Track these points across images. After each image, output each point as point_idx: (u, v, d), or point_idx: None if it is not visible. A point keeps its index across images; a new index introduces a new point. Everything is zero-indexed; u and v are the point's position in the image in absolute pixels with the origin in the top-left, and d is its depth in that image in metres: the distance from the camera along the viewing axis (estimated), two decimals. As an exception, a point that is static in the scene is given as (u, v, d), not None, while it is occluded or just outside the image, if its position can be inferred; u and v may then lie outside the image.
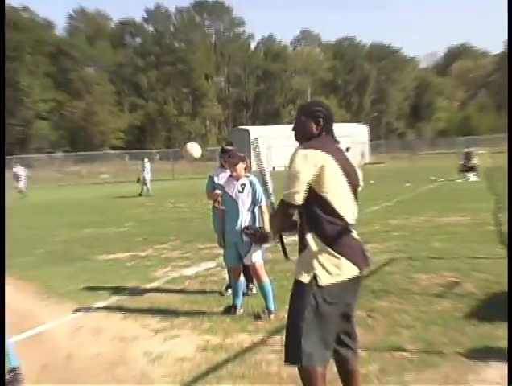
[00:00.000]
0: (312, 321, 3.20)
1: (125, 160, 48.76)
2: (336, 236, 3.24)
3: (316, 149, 3.23)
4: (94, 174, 50.80)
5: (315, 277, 3.21)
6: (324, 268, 3.21)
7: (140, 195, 26.58)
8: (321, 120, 3.38)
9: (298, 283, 3.29)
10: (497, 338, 4.92)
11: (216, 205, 6.72)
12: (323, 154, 3.21)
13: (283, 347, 3.35)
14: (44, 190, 36.21)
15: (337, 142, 3.42)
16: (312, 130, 3.38)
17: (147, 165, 27.61)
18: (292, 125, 3.46)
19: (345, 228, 3.28)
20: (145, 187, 26.96)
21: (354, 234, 3.35)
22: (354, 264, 3.26)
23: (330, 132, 3.42)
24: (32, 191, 31.21)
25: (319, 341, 3.23)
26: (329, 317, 3.24)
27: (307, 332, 3.20)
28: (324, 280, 3.20)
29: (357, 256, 3.30)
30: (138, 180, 27.59)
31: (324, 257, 3.22)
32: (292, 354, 3.26)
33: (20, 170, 29.78)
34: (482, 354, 4.58)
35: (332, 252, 3.22)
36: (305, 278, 3.24)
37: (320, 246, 3.23)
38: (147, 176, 27.29)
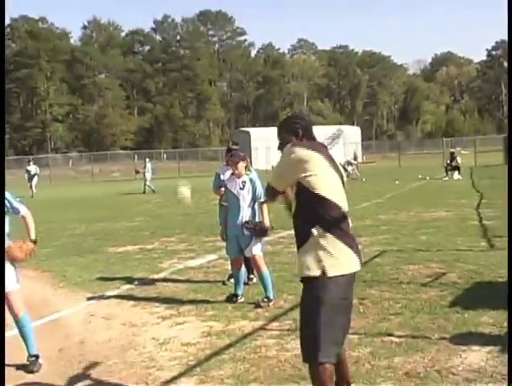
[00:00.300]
0: (327, 318, 3.02)
1: (135, 160, 48.69)
2: (340, 226, 3.12)
3: (305, 147, 3.17)
4: (106, 172, 50.79)
5: (323, 269, 3.04)
6: (333, 257, 3.04)
7: (144, 192, 26.45)
8: (300, 131, 3.29)
9: (308, 279, 3.10)
10: (479, 324, 4.92)
11: (223, 203, 6.72)
12: (311, 152, 3.14)
13: (302, 345, 3.15)
14: (60, 188, 36.22)
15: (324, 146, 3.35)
16: None
17: (149, 164, 27.56)
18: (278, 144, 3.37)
19: (346, 219, 3.17)
20: (146, 186, 26.84)
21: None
22: (357, 256, 3.14)
23: (311, 138, 3.32)
24: (49, 189, 31.19)
25: (333, 339, 3.08)
26: (340, 312, 3.10)
27: (324, 330, 3.02)
28: (333, 271, 3.03)
29: (358, 249, 3.19)
30: (137, 172, 27.52)
31: (331, 247, 3.06)
32: (311, 352, 3.06)
33: (33, 169, 29.62)
34: (465, 339, 4.58)
35: (338, 241, 3.08)
36: (315, 272, 3.05)
37: (326, 237, 3.07)
38: (148, 175, 27.13)
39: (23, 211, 4.63)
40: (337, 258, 3.06)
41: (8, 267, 4.46)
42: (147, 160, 28.01)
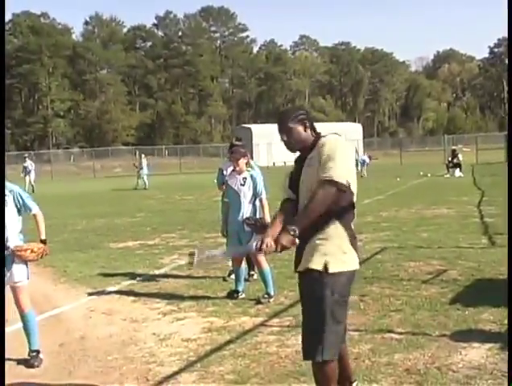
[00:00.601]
0: (332, 314, 2.99)
1: (136, 155, 48.72)
2: (350, 220, 3.09)
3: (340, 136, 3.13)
4: (107, 168, 50.78)
5: (326, 265, 2.98)
6: (336, 257, 3.00)
7: (145, 188, 26.46)
8: (307, 122, 3.18)
9: (312, 272, 3.03)
10: (479, 321, 4.92)
11: (225, 199, 6.72)
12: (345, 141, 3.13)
13: (305, 342, 3.08)
14: (61, 183, 36.22)
15: None
16: (306, 134, 3.16)
17: (144, 160, 27.76)
18: (285, 145, 3.21)
19: (354, 211, 3.14)
20: (140, 181, 26.95)
21: None
22: (358, 256, 3.11)
23: (315, 130, 3.23)
24: (50, 184, 31.20)
25: (338, 336, 3.06)
26: (343, 309, 3.07)
27: (330, 327, 2.98)
28: (335, 268, 2.98)
29: (357, 247, 3.15)
30: (136, 166, 27.94)
31: (343, 247, 3.02)
32: (317, 349, 2.99)
33: (29, 165, 29.73)
34: (466, 336, 4.57)
35: (348, 242, 3.04)
36: (319, 266, 2.99)
37: (340, 235, 3.02)
38: (142, 171, 27.26)
39: (35, 210, 4.61)
40: (343, 257, 3.02)
41: (20, 262, 4.48)
42: (143, 156, 28.36)
